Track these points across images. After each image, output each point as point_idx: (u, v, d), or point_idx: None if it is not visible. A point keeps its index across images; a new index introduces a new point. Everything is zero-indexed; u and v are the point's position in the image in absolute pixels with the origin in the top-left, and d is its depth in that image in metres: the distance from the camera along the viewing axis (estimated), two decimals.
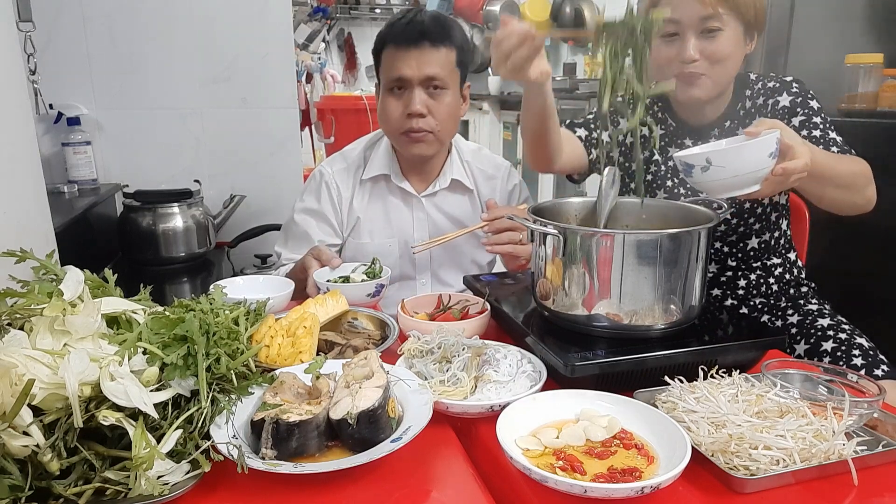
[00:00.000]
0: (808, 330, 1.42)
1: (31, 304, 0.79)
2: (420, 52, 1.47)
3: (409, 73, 1.48)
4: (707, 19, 1.27)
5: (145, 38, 2.30)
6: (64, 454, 0.68)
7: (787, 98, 1.38)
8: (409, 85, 1.50)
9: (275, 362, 0.96)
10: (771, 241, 1.48)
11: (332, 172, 1.65)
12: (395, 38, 1.50)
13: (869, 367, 1.27)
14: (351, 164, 1.67)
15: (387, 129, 1.59)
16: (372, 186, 1.66)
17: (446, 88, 1.52)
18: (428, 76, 1.49)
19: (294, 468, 0.72)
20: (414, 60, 1.48)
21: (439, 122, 1.53)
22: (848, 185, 1.23)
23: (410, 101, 1.49)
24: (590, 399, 0.88)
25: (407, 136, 1.53)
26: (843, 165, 1.23)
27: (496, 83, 5.35)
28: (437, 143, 1.56)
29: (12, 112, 1.23)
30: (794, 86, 1.39)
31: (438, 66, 1.49)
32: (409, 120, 1.50)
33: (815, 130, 1.33)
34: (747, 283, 1.50)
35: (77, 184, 2.24)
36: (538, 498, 0.74)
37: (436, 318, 1.19)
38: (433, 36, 1.48)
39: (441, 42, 1.49)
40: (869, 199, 1.28)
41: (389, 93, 1.53)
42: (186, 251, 2.23)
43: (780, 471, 0.74)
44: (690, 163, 1.05)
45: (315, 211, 1.65)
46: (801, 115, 1.36)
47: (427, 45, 1.48)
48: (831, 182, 1.21)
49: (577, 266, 1.00)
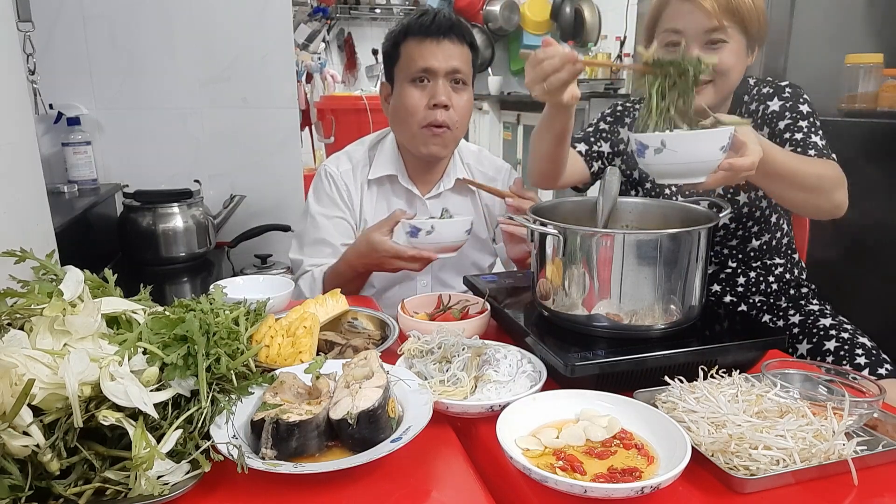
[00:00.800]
0: (810, 329, 1.42)
1: (31, 304, 0.79)
2: (448, 44, 1.49)
3: (437, 65, 1.49)
4: (712, 32, 1.27)
5: (145, 38, 2.30)
6: (64, 454, 0.68)
7: (778, 103, 1.38)
8: (434, 76, 1.50)
9: (275, 362, 0.96)
10: (772, 241, 1.49)
11: (339, 173, 1.64)
12: (421, 31, 1.50)
13: (872, 367, 1.28)
14: (356, 164, 1.65)
15: (406, 122, 1.55)
16: (377, 187, 1.65)
17: (467, 84, 1.54)
18: (454, 68, 1.50)
19: (294, 468, 0.72)
20: (441, 52, 1.49)
21: (459, 117, 1.54)
22: (811, 187, 1.20)
23: (436, 92, 1.49)
24: (590, 399, 0.88)
25: (429, 130, 1.52)
26: (809, 167, 1.21)
27: (496, 83, 5.36)
28: (452, 141, 1.57)
29: (12, 112, 1.23)
30: (786, 90, 1.39)
31: (462, 61, 1.51)
32: (434, 111, 1.50)
33: (798, 133, 1.33)
34: (746, 280, 1.50)
35: (77, 184, 2.24)
36: (538, 498, 0.74)
37: (436, 318, 1.19)
38: (458, 31, 1.51)
39: (464, 39, 1.52)
40: (837, 204, 1.25)
41: (412, 84, 1.52)
42: (186, 251, 2.23)
43: (780, 471, 0.74)
44: (645, 143, 1.04)
45: (330, 214, 1.62)
46: (787, 119, 1.36)
47: (454, 38, 1.50)
48: (792, 183, 1.19)
49: (577, 266, 1.00)
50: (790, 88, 1.40)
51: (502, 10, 5.28)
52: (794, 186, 1.20)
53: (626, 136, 1.48)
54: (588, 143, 1.53)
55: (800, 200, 1.24)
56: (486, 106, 5.48)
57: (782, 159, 1.17)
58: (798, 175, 1.18)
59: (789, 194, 1.23)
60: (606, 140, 1.54)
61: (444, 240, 1.33)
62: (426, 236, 1.31)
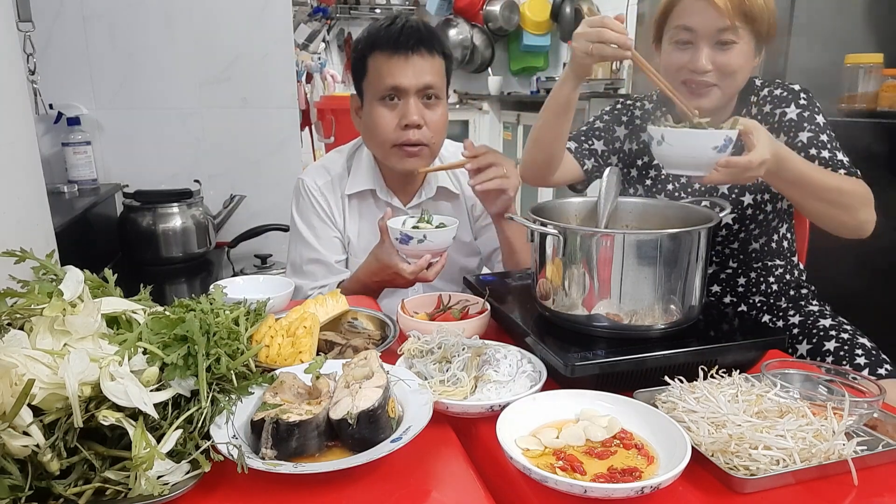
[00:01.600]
0: (810, 330, 1.42)
1: (31, 304, 0.79)
2: (417, 58, 1.41)
3: (406, 82, 1.41)
4: (723, 31, 1.27)
5: (145, 38, 2.30)
6: (64, 454, 0.68)
7: (795, 111, 1.36)
8: (404, 95, 1.43)
9: (275, 362, 0.96)
10: (772, 243, 1.48)
11: (317, 187, 1.57)
12: (389, 44, 1.41)
13: (872, 367, 1.28)
14: (335, 176, 1.59)
15: (377, 141, 1.50)
16: (358, 200, 1.59)
17: (441, 98, 1.47)
18: (426, 84, 1.43)
19: (294, 468, 0.72)
20: (410, 68, 1.41)
21: (434, 133, 1.47)
22: (833, 200, 1.21)
23: (406, 111, 1.42)
24: (590, 399, 0.88)
25: (401, 150, 1.46)
26: (829, 180, 1.21)
27: (496, 83, 5.36)
28: (430, 156, 1.51)
29: (12, 112, 1.23)
30: (801, 97, 1.37)
31: (434, 74, 1.44)
32: (405, 132, 1.44)
33: (824, 151, 1.31)
34: (747, 280, 1.50)
35: (77, 184, 2.24)
36: (538, 498, 0.74)
37: (436, 318, 1.19)
38: (428, 43, 1.42)
39: (435, 49, 1.44)
40: (862, 222, 1.24)
41: (381, 103, 1.44)
42: (186, 251, 2.24)
43: (780, 471, 0.74)
44: (652, 135, 1.16)
45: (318, 232, 1.57)
46: (807, 132, 1.34)
47: (424, 51, 1.42)
48: (812, 193, 1.20)
49: (577, 266, 1.00)
50: (804, 96, 1.38)
51: (502, 10, 5.28)
52: (814, 196, 1.21)
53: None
54: (578, 141, 1.52)
55: (821, 212, 1.24)
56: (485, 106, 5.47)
57: (801, 167, 1.17)
58: (817, 185, 1.19)
59: (809, 204, 1.23)
60: (600, 138, 1.53)
61: (436, 246, 1.32)
62: (417, 244, 1.30)
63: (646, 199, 1.20)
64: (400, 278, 1.37)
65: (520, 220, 1.08)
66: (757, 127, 1.12)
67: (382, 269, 1.38)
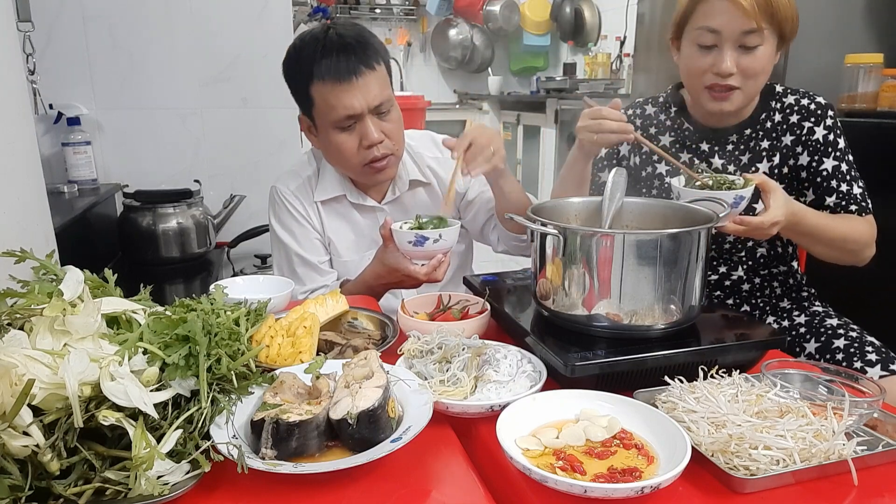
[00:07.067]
0: (817, 329, 1.42)
1: (31, 304, 0.79)
2: (361, 80, 1.37)
3: (359, 106, 1.38)
4: (748, 33, 1.25)
5: (145, 38, 2.30)
6: (64, 454, 0.68)
7: (822, 131, 1.37)
8: (360, 118, 1.40)
9: (275, 362, 0.96)
10: (777, 248, 1.49)
11: (291, 192, 1.56)
12: (328, 74, 1.37)
13: (884, 363, 1.28)
14: (304, 181, 1.58)
15: (344, 165, 1.50)
16: (331, 206, 1.59)
17: (392, 105, 1.46)
18: (378, 104, 1.40)
19: (294, 468, 0.72)
20: (359, 91, 1.37)
21: (395, 141, 1.46)
22: (839, 247, 1.31)
23: (366, 133, 1.41)
24: (590, 399, 0.88)
25: (369, 168, 1.46)
26: (837, 229, 1.29)
27: (496, 83, 5.36)
28: (397, 162, 1.52)
29: (12, 112, 1.23)
30: (829, 114, 1.38)
31: (381, 87, 1.41)
32: (369, 151, 1.42)
33: (843, 184, 1.36)
34: (751, 286, 1.50)
35: (77, 184, 2.24)
36: (538, 498, 0.74)
37: (436, 318, 1.19)
38: (366, 59, 1.38)
39: (373, 61, 1.40)
40: (862, 259, 1.35)
41: (339, 131, 1.42)
42: (186, 251, 2.24)
43: (780, 471, 0.74)
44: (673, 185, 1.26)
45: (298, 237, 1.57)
46: (833, 159, 1.36)
47: (365, 70, 1.38)
48: (819, 240, 1.30)
49: (577, 266, 1.00)
50: (831, 114, 1.38)
51: (502, 10, 5.29)
52: (821, 243, 1.31)
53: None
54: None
55: (826, 255, 1.34)
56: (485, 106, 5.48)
57: (812, 223, 1.26)
58: (826, 237, 1.29)
59: (816, 249, 1.34)
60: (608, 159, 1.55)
61: (449, 245, 1.31)
62: (433, 244, 1.29)
63: (646, 199, 1.20)
64: (410, 280, 1.37)
65: (520, 219, 1.08)
66: (774, 187, 1.18)
67: (390, 272, 1.38)
